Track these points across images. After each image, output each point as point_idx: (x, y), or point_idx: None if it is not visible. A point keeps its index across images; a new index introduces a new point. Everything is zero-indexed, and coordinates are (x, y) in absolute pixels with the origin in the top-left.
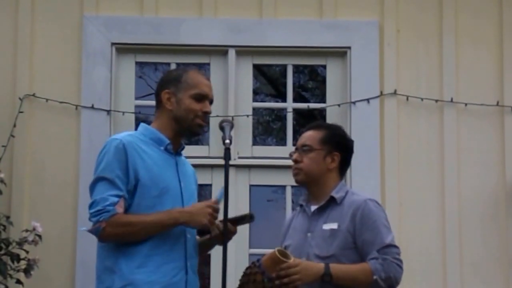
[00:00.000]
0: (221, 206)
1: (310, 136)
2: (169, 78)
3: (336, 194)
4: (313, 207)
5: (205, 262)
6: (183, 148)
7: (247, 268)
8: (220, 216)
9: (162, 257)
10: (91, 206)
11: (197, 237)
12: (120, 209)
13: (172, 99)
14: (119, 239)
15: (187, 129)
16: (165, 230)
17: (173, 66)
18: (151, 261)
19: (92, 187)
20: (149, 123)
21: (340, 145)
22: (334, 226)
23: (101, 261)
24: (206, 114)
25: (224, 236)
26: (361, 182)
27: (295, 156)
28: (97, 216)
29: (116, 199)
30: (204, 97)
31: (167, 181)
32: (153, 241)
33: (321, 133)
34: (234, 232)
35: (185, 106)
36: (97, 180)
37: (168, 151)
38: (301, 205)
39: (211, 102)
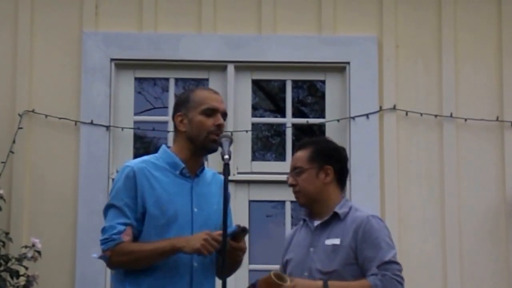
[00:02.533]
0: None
1: (298, 157)
2: (179, 102)
3: (340, 210)
4: (316, 222)
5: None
6: (203, 169)
7: None
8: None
9: (166, 286)
10: (101, 233)
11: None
12: (126, 237)
13: (184, 121)
14: (124, 266)
15: (202, 147)
16: (166, 257)
17: (172, 82)
18: None
19: (104, 214)
20: (148, 139)
21: (329, 157)
22: (336, 241)
23: (113, 285)
24: (219, 128)
25: (223, 253)
26: (360, 198)
27: (290, 180)
28: (103, 245)
29: (122, 227)
30: (214, 111)
31: (176, 208)
32: (160, 270)
33: (308, 151)
34: (242, 249)
35: (197, 124)
36: (108, 207)
37: (184, 175)
38: (304, 220)
39: (224, 115)
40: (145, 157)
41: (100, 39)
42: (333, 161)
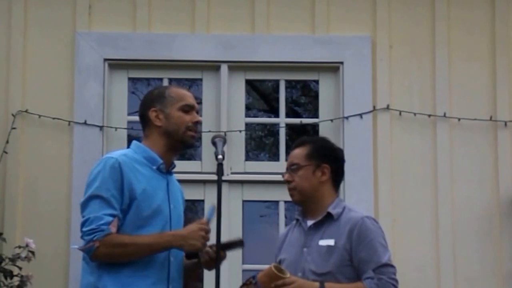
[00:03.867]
0: (213, 225)
1: (296, 154)
2: (152, 97)
3: (333, 210)
4: (310, 222)
5: (198, 278)
6: (174, 167)
7: (243, 284)
8: (212, 236)
9: (145, 279)
10: (83, 224)
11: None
12: (113, 228)
13: (160, 116)
14: (111, 259)
15: (179, 142)
16: (157, 253)
17: (165, 82)
18: (135, 282)
19: (85, 205)
20: (140, 139)
21: (327, 157)
22: (330, 242)
23: (85, 276)
24: (196, 124)
25: (217, 253)
26: (354, 197)
27: (286, 176)
28: (90, 235)
29: (110, 218)
30: (191, 108)
31: (159, 202)
32: (137, 263)
33: (306, 148)
34: (224, 258)
35: (175, 119)
36: (91, 198)
37: (160, 171)
38: (297, 220)
39: (197, 112)
40: (122, 151)
41: (94, 39)
42: (330, 160)
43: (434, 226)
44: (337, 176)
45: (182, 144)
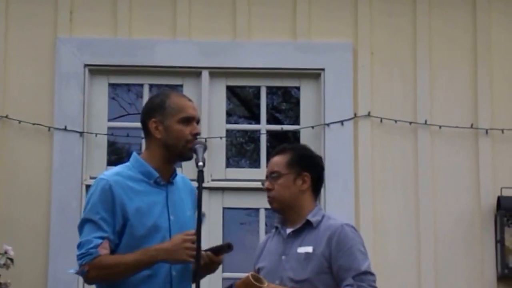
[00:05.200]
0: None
1: (276, 161)
2: (153, 106)
3: (312, 218)
4: (289, 230)
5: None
6: (175, 175)
7: None
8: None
9: None
10: (77, 248)
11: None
12: (103, 250)
13: (159, 127)
14: (104, 280)
15: (178, 155)
16: (146, 268)
17: (146, 88)
18: None
19: (80, 229)
20: (121, 145)
21: (308, 165)
22: (309, 249)
23: None
24: (196, 136)
25: (197, 260)
26: (335, 205)
27: (266, 184)
28: (81, 259)
29: (99, 241)
30: (191, 119)
31: (155, 219)
32: (140, 280)
33: (286, 156)
34: (219, 263)
35: (175, 133)
36: (83, 222)
37: (158, 184)
38: (276, 227)
39: (198, 122)
40: (118, 168)
41: (74, 45)
42: (311, 168)
43: (415, 234)
44: (317, 184)
45: (181, 157)
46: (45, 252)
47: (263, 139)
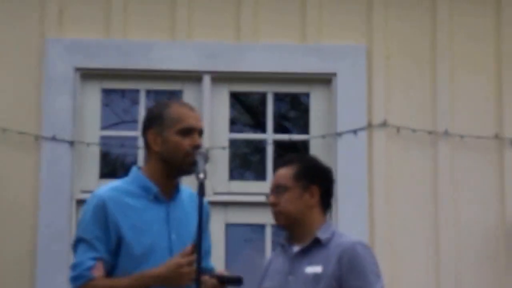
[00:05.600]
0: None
1: (282, 174)
2: (152, 116)
3: (322, 235)
4: (296, 248)
5: None
6: (178, 191)
7: None
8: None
9: None
10: (71, 269)
11: None
12: (97, 272)
13: (158, 140)
14: None
15: (177, 169)
16: None
17: (142, 94)
18: None
19: (74, 249)
20: (116, 156)
21: (316, 177)
22: (318, 269)
23: None
24: (196, 149)
25: (197, 281)
26: (347, 221)
27: (271, 199)
28: (73, 282)
29: (92, 262)
30: (191, 130)
31: (153, 237)
32: None
33: (293, 168)
34: None
35: (173, 145)
36: (77, 242)
37: (158, 200)
38: (282, 245)
39: (200, 133)
40: (117, 183)
41: (64, 46)
42: (319, 181)
43: (434, 252)
44: (327, 198)
45: (181, 171)
46: (31, 276)
47: (270, 149)
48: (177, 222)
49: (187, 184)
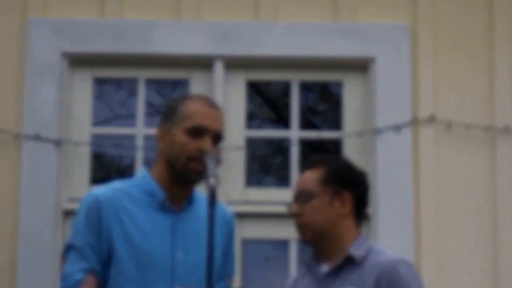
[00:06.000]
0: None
1: (307, 178)
2: (166, 110)
3: (355, 252)
4: (325, 268)
5: None
6: (190, 202)
7: None
8: None
9: None
10: (60, 280)
11: None
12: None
13: (167, 137)
14: None
15: (180, 176)
16: None
17: (141, 83)
18: None
19: (64, 257)
20: (110, 157)
21: (348, 181)
22: None
23: None
24: (203, 153)
25: None
26: (388, 235)
27: (294, 208)
28: None
29: (80, 275)
30: (202, 131)
31: (151, 252)
32: None
33: (319, 171)
34: None
35: (177, 145)
36: (67, 249)
37: (165, 209)
38: (308, 265)
39: (217, 137)
40: (118, 184)
41: (50, 28)
42: (352, 186)
43: (492, 273)
44: (361, 206)
45: (182, 179)
46: (11, 285)
47: (294, 149)
48: (185, 238)
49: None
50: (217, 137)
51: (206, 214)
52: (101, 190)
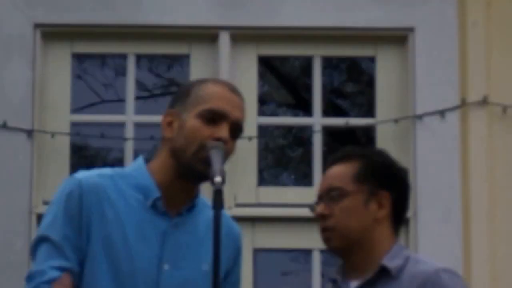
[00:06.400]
0: None
1: (337, 173)
2: (177, 93)
3: (390, 263)
4: (354, 283)
5: None
6: (194, 205)
7: None
8: None
9: None
10: (26, 280)
11: None
12: None
13: (175, 124)
14: None
15: (186, 169)
16: None
17: (131, 60)
18: None
19: (34, 250)
20: (93, 150)
21: (388, 180)
22: None
23: None
24: (219, 143)
25: None
26: (430, 243)
27: (320, 208)
28: None
29: (56, 274)
30: (220, 117)
31: (133, 259)
32: None
33: (354, 166)
34: None
35: (187, 131)
36: (40, 240)
37: (158, 210)
38: (334, 281)
39: (236, 127)
40: (107, 170)
41: None
42: (391, 186)
43: None
44: (400, 210)
45: (191, 173)
46: None
47: (317, 139)
48: (176, 249)
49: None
50: (236, 129)
51: (208, 225)
52: (86, 174)
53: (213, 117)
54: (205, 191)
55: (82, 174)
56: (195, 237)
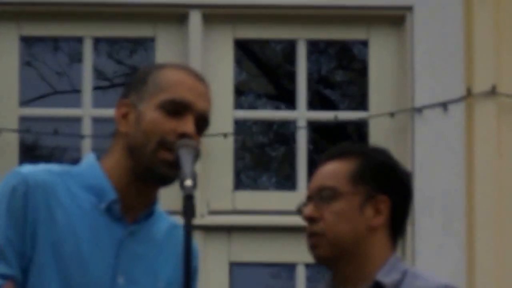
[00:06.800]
0: None
1: (331, 171)
2: (132, 80)
3: (385, 278)
4: None
5: None
6: (152, 212)
7: None
8: None
9: None
10: None
11: None
12: None
13: (130, 116)
14: None
15: (147, 171)
16: None
17: (88, 44)
18: None
19: None
20: (45, 148)
21: (388, 183)
22: None
23: None
24: (183, 138)
25: None
26: (430, 253)
27: (308, 210)
28: None
29: None
30: (182, 107)
31: (84, 269)
32: None
33: (351, 163)
34: None
35: (146, 124)
36: None
37: (114, 214)
38: None
39: (202, 120)
40: (54, 167)
41: None
42: (392, 190)
43: None
44: (399, 217)
45: (150, 174)
46: None
47: (302, 135)
48: (133, 260)
49: (168, 198)
50: (201, 121)
51: (166, 237)
52: (32, 169)
53: (175, 109)
54: (174, 197)
55: (27, 169)
56: (151, 249)
